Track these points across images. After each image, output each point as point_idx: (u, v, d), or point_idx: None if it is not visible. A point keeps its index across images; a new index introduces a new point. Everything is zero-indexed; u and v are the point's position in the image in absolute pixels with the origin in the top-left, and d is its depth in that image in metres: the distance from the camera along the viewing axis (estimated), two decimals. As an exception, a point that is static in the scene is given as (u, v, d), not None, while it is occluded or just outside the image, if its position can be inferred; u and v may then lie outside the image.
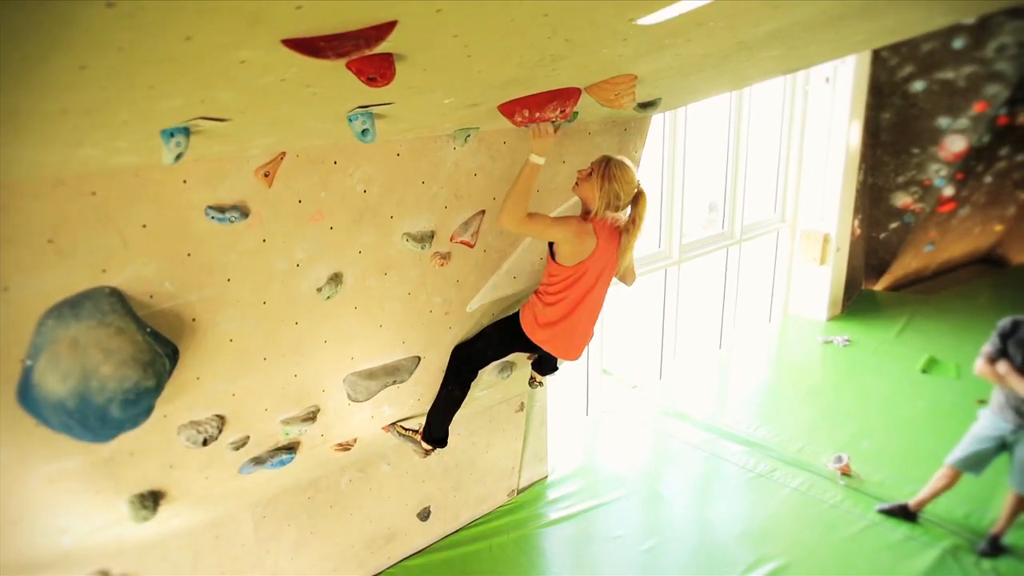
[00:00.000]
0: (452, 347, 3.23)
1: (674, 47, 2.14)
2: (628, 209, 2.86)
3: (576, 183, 2.86)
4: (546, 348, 3.03)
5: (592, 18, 1.63)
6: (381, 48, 1.39)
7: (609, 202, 2.77)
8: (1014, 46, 6.43)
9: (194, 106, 1.52)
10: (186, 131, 1.67)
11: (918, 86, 7.02)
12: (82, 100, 1.31)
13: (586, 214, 2.85)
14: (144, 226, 2.02)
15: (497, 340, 3.15)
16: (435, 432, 3.23)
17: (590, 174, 2.79)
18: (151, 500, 2.50)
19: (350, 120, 1.98)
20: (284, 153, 2.25)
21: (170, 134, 1.65)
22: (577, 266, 2.83)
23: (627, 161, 2.81)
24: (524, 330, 3.00)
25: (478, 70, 1.85)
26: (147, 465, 2.42)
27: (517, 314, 3.06)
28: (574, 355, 3.13)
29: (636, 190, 2.82)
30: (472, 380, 3.22)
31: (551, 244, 2.88)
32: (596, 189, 2.77)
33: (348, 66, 1.44)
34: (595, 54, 1.99)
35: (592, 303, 2.98)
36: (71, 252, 1.90)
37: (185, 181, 2.06)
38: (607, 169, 2.75)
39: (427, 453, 3.27)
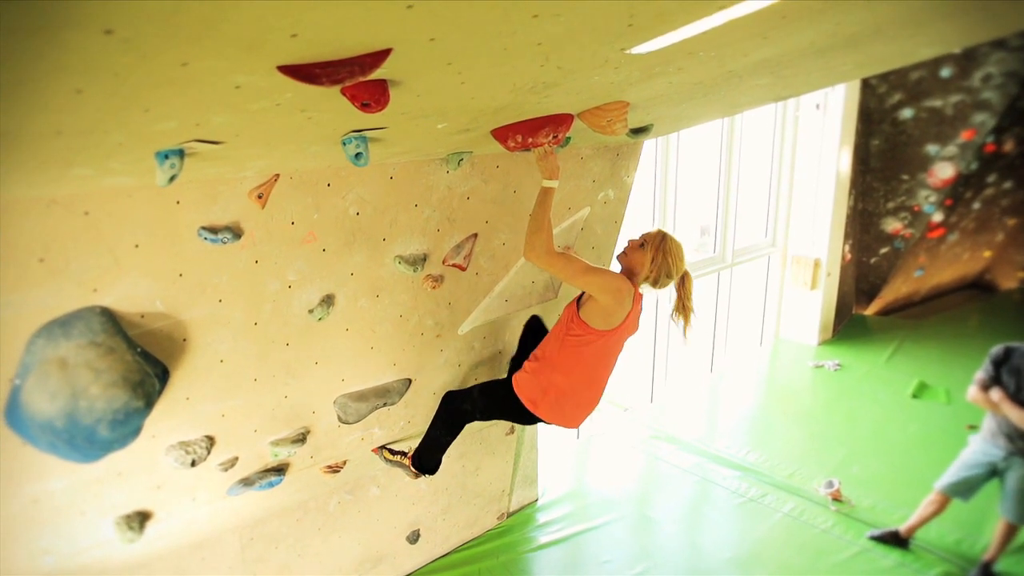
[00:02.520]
0: (443, 368, 3.23)
1: (665, 75, 2.17)
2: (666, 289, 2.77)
3: (624, 252, 2.76)
4: (547, 420, 2.84)
5: (584, 47, 1.65)
6: (376, 75, 1.41)
7: (659, 277, 2.69)
8: (999, 76, 6.55)
9: (189, 129, 1.53)
10: (180, 153, 1.68)
11: (907, 114, 7.12)
12: (77, 122, 1.32)
13: (626, 273, 2.75)
14: (136, 246, 2.02)
15: (483, 407, 2.96)
16: (424, 463, 3.14)
17: (642, 244, 2.72)
18: (137, 521, 2.47)
19: (344, 144, 1.99)
20: (278, 175, 2.26)
21: (164, 156, 1.66)
22: (607, 332, 2.65)
23: (679, 240, 2.76)
24: (524, 404, 2.79)
25: (471, 96, 1.87)
26: (134, 486, 2.40)
27: (507, 381, 2.88)
28: (577, 424, 2.96)
29: (683, 271, 2.73)
30: (460, 431, 3.08)
31: (579, 297, 2.74)
32: (648, 260, 2.69)
33: (343, 92, 1.46)
34: (587, 81, 2.02)
35: (608, 369, 2.84)
36: (62, 271, 1.90)
37: (178, 201, 2.06)
38: (663, 243, 2.69)
39: (416, 476, 3.23)
